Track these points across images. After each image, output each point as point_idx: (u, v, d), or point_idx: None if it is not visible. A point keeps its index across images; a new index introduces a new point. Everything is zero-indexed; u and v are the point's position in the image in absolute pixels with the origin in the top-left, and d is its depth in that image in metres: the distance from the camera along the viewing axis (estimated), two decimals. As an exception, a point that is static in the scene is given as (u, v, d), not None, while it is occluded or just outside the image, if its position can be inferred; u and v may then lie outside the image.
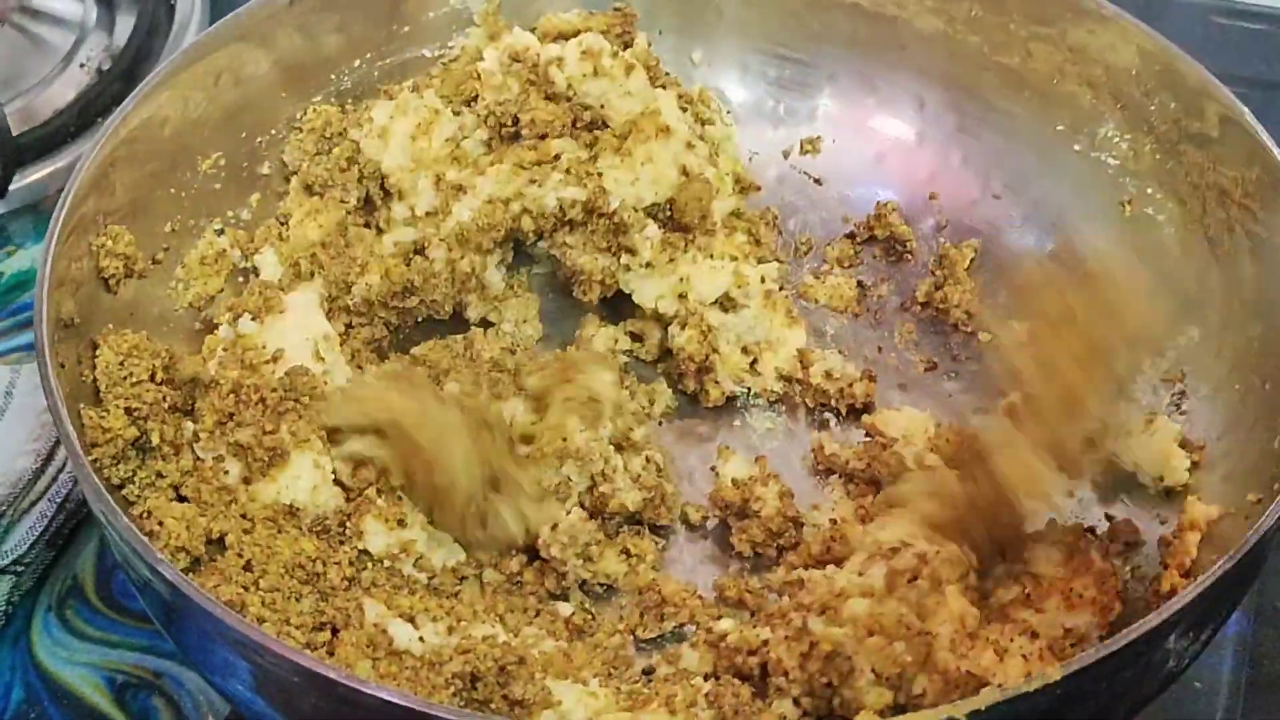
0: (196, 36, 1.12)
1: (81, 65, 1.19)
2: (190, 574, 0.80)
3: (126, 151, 0.91)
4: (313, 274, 0.96)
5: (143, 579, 0.77)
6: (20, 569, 0.92)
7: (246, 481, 0.84)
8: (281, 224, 0.98)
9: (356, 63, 1.01)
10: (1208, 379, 0.90)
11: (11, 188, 1.10)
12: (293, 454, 0.84)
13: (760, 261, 1.00)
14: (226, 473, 0.85)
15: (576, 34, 0.99)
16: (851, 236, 1.05)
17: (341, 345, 0.94)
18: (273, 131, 0.99)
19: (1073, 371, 0.79)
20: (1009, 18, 1.00)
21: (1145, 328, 0.81)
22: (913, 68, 1.05)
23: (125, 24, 1.21)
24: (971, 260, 1.01)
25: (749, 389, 0.98)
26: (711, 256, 0.98)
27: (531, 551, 0.88)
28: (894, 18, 1.04)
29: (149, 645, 0.90)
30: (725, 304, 0.97)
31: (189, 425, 0.86)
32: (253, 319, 0.90)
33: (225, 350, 0.89)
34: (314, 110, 1.00)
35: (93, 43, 1.20)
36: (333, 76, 1.01)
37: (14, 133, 1.10)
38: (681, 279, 0.97)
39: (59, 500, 0.94)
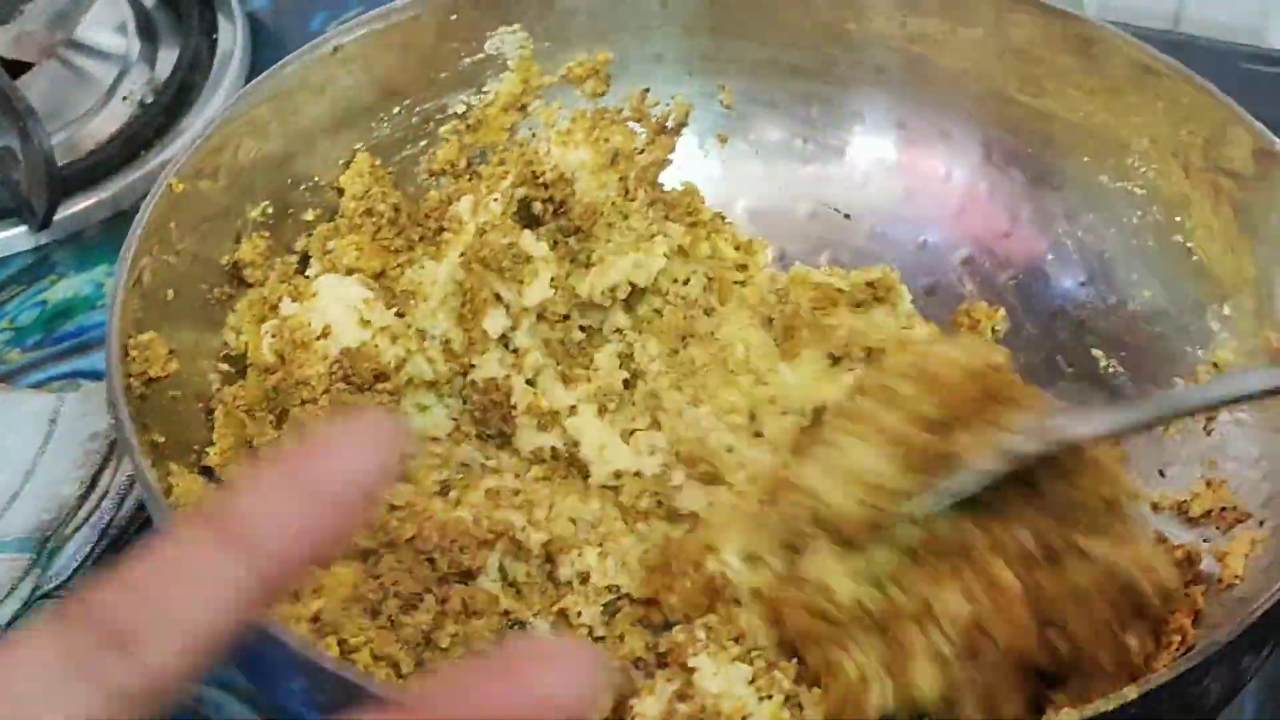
0: (241, 84, 1.15)
1: (124, 99, 1.21)
2: None
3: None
4: None
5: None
6: (64, 595, 0.94)
7: None
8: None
9: (396, 110, 1.02)
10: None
11: (55, 218, 1.12)
12: None
13: None
14: None
15: None
16: None
17: None
18: (316, 178, 1.00)
19: None
20: (1037, 58, 1.01)
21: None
22: (938, 102, 1.06)
23: (167, 58, 1.23)
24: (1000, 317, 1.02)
25: None
26: None
27: None
28: (920, 55, 1.05)
29: (188, 671, 0.92)
30: None
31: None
32: (293, 301, 0.92)
33: (274, 336, 0.90)
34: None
35: (135, 76, 1.22)
36: (372, 124, 1.02)
37: (59, 164, 1.11)
38: None
39: (101, 526, 0.96)
